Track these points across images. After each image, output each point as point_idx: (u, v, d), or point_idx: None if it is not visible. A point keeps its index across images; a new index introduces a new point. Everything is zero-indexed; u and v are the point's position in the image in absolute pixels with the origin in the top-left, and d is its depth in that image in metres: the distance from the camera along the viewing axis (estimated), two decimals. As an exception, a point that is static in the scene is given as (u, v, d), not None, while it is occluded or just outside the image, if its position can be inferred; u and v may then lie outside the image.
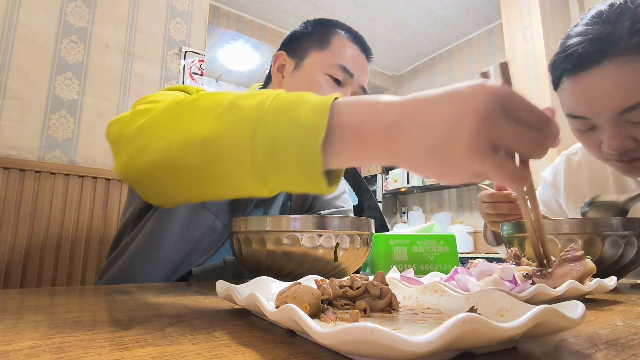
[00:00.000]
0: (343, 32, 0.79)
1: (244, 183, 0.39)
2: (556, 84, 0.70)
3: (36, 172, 1.19)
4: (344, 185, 0.98)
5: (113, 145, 0.50)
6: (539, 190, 1.00)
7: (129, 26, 1.50)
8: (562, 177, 0.91)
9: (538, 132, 0.30)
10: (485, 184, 0.73)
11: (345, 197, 0.94)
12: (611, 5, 0.62)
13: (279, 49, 0.83)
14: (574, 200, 0.88)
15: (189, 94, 0.72)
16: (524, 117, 0.30)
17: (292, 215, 0.53)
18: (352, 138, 0.35)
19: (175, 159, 0.42)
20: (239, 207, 0.73)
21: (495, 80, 0.32)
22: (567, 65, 0.66)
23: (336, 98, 0.37)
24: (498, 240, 0.91)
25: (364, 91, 0.79)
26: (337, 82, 0.75)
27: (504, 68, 0.32)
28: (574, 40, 0.64)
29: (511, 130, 0.29)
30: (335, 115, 0.35)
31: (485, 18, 3.93)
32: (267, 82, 0.84)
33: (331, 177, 0.39)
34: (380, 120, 0.34)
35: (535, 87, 2.88)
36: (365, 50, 0.81)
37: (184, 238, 0.68)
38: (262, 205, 0.82)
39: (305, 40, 0.79)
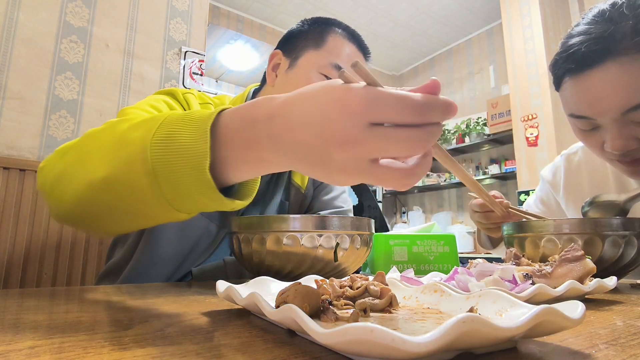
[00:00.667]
0: (340, 31, 0.77)
1: (158, 214, 0.39)
2: (558, 83, 0.69)
3: (36, 172, 1.19)
4: (343, 185, 0.97)
5: (41, 196, 0.50)
6: (537, 188, 1.00)
7: (129, 26, 1.50)
8: (562, 177, 0.91)
9: (416, 126, 0.28)
10: (472, 194, 0.74)
11: (344, 197, 0.93)
12: (613, 4, 0.62)
13: (275, 48, 0.82)
14: (573, 200, 0.87)
15: (176, 98, 0.72)
16: (396, 116, 0.28)
17: (292, 215, 0.53)
18: (241, 153, 0.35)
19: (87, 203, 0.42)
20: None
21: (356, 84, 0.29)
22: (569, 64, 0.65)
23: (222, 110, 0.36)
24: (493, 242, 0.91)
25: None
26: None
27: (359, 69, 0.28)
28: (576, 39, 0.63)
29: (382, 142, 0.28)
30: (219, 133, 0.35)
31: (485, 18, 3.93)
32: (263, 82, 0.83)
33: (245, 189, 0.40)
34: (262, 134, 0.33)
35: (535, 86, 2.88)
36: (363, 50, 0.79)
37: (181, 243, 0.68)
38: (259, 204, 0.81)
39: (301, 38, 0.78)
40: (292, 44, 0.79)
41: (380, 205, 3.95)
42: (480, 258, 0.67)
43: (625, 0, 0.61)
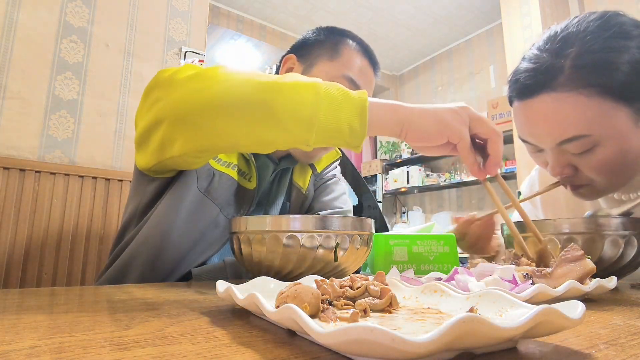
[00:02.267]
0: (354, 44, 0.80)
1: (296, 130, 0.48)
2: (510, 103, 0.70)
3: (36, 172, 1.19)
4: (344, 186, 0.98)
5: (164, 86, 0.55)
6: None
7: (129, 26, 1.50)
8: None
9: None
10: (450, 230, 0.79)
11: (344, 198, 0.94)
12: (562, 30, 0.62)
13: (289, 52, 0.83)
14: (552, 215, 0.87)
15: None
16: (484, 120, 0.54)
17: (292, 215, 0.53)
18: (382, 112, 0.50)
19: (241, 97, 0.49)
20: (243, 203, 0.74)
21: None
22: (512, 91, 0.67)
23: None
24: (489, 261, 0.90)
25: None
26: None
27: None
28: (523, 66, 0.64)
29: (479, 118, 0.53)
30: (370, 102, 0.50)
31: (485, 18, 3.93)
32: None
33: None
34: (400, 116, 0.51)
35: (535, 87, 2.87)
36: (374, 64, 0.82)
37: (190, 227, 0.68)
38: (263, 205, 0.82)
39: (316, 47, 0.80)
40: (306, 51, 0.81)
41: (380, 205, 3.95)
42: (480, 258, 0.67)
43: (571, 30, 0.61)
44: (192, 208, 0.68)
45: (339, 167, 1.00)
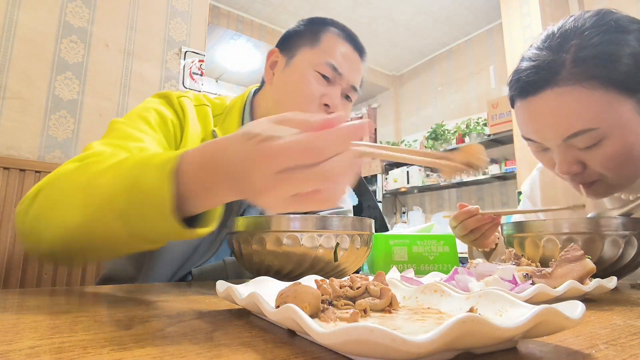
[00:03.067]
0: (336, 30, 0.78)
1: (133, 247, 0.45)
2: (512, 103, 0.70)
3: (36, 172, 1.19)
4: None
5: (19, 238, 0.54)
6: (521, 203, 0.99)
7: (129, 26, 1.50)
8: (538, 191, 0.90)
9: (311, 168, 0.31)
10: (446, 214, 0.77)
11: (344, 198, 0.93)
12: (559, 28, 0.62)
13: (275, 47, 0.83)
14: (552, 214, 0.87)
15: (171, 103, 0.72)
16: (292, 163, 0.31)
17: (292, 215, 0.53)
18: (199, 191, 0.38)
19: (66, 245, 0.45)
20: (232, 209, 0.73)
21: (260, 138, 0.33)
22: (514, 91, 0.67)
23: (179, 155, 0.39)
24: (486, 255, 0.91)
25: (355, 90, 0.78)
26: (326, 78, 0.74)
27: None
28: (524, 64, 0.64)
29: (291, 185, 0.31)
30: (180, 175, 0.38)
31: (485, 18, 3.93)
32: (263, 83, 0.84)
33: (209, 214, 0.43)
34: (220, 170, 0.36)
35: (535, 87, 2.87)
36: (359, 49, 0.79)
37: (184, 243, 0.69)
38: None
39: (297, 37, 0.79)
40: (289, 43, 0.80)
41: (380, 205, 3.95)
42: (480, 258, 0.67)
43: (571, 26, 0.61)
44: None
45: (338, 167, 1.00)
